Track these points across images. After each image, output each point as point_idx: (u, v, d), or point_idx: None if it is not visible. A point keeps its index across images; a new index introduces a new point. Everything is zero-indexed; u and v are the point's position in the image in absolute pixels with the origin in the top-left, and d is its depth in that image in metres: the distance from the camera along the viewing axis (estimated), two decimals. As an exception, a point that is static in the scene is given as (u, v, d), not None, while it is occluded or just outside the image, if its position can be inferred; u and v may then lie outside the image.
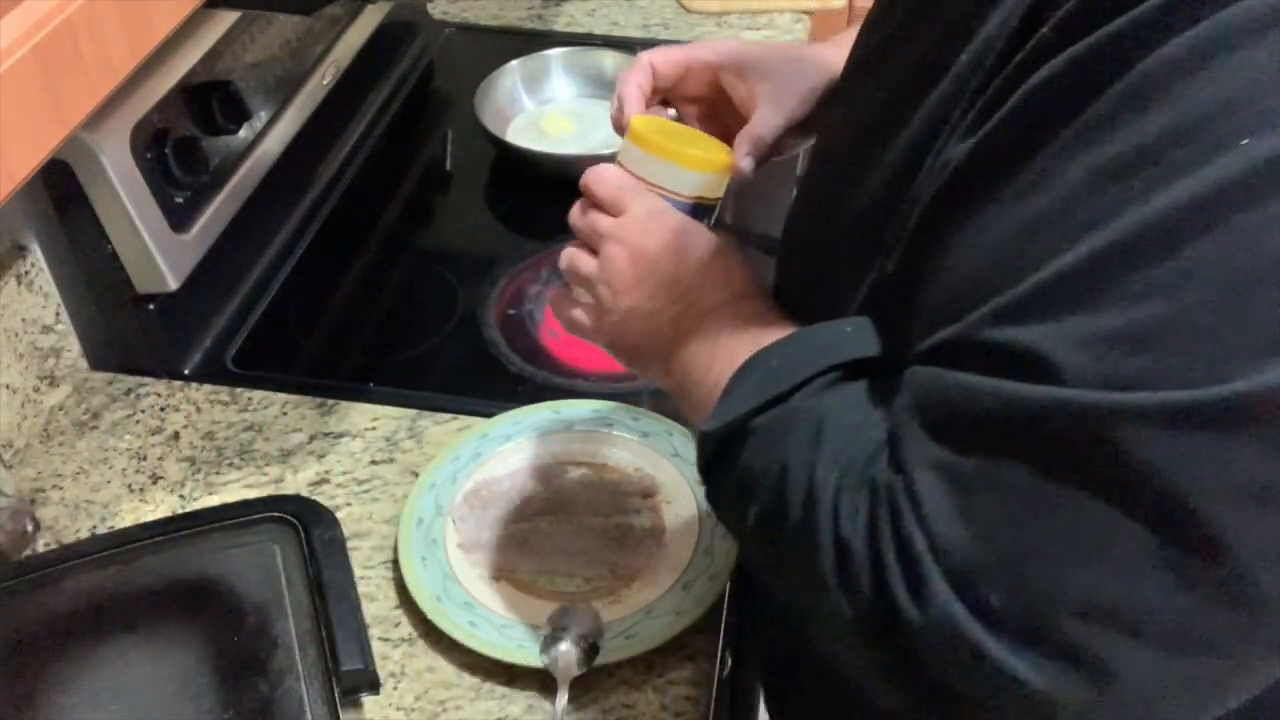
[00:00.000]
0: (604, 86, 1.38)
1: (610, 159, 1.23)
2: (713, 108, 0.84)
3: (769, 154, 0.81)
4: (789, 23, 1.51)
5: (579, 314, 0.73)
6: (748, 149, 0.79)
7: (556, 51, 1.38)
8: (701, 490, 0.87)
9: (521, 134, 1.32)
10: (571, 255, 0.73)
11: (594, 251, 0.71)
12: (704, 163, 0.73)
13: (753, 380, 0.59)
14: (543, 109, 1.36)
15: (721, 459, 0.59)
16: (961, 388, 0.46)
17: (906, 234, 0.54)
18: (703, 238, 0.70)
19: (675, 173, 0.72)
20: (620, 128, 0.79)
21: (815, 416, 0.55)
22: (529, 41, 1.44)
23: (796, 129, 0.81)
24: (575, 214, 0.73)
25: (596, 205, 0.72)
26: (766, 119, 0.80)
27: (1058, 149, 0.45)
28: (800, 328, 0.62)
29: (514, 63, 1.36)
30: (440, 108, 1.42)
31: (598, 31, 1.50)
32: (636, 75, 0.82)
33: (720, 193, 0.75)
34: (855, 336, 0.58)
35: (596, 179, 0.72)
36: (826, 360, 0.57)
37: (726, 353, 0.63)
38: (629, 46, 1.42)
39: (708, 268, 0.69)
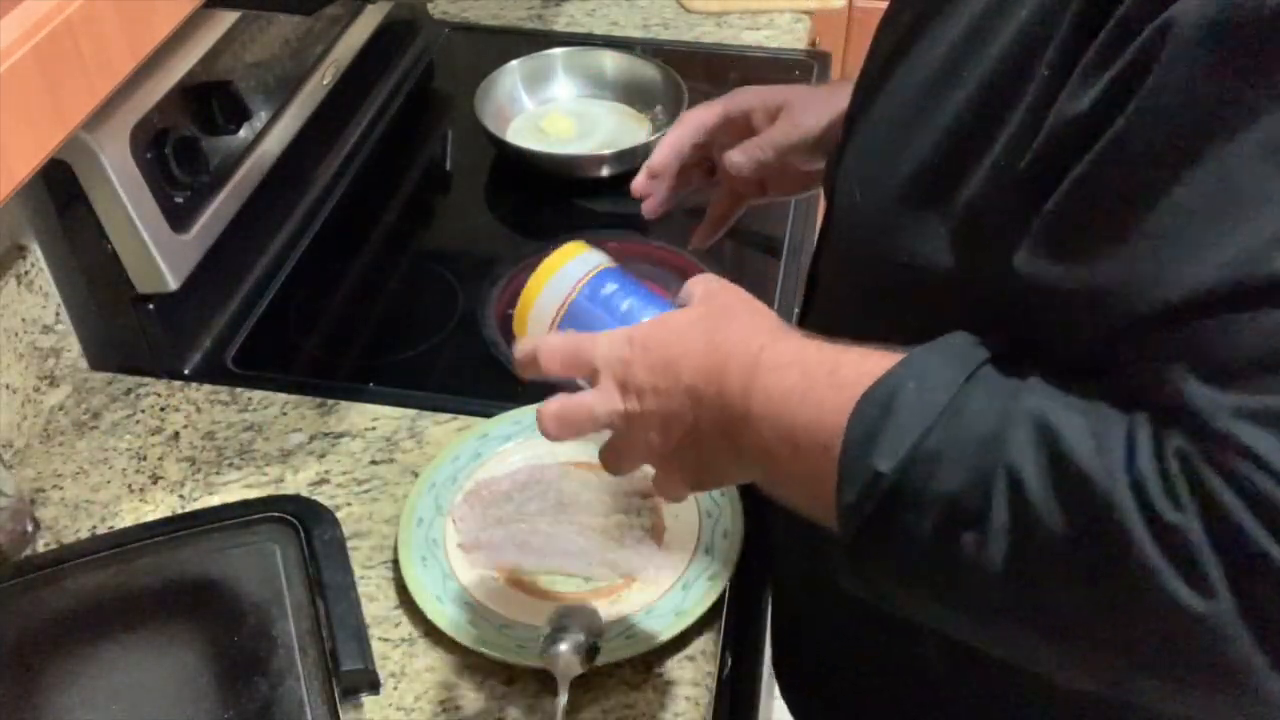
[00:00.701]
0: (604, 86, 1.38)
1: (610, 159, 1.25)
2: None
3: (769, 164, 0.89)
4: (789, 23, 1.51)
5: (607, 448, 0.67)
6: (739, 155, 0.88)
7: (557, 51, 1.38)
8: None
9: (521, 134, 1.32)
10: (564, 402, 0.65)
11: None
12: (565, 252, 0.72)
13: (896, 408, 0.52)
14: (543, 109, 1.36)
15: (895, 505, 0.51)
16: (1265, 327, 0.43)
17: (1052, 205, 0.51)
18: (671, 319, 0.65)
19: (564, 273, 0.70)
20: (647, 179, 0.92)
21: (1019, 414, 0.49)
22: (529, 41, 1.44)
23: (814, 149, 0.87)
24: (577, 414, 0.65)
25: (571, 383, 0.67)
26: (770, 136, 0.89)
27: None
28: (861, 347, 0.57)
29: (514, 62, 1.36)
30: (440, 108, 1.42)
31: (598, 31, 1.50)
32: (672, 135, 0.91)
33: (601, 258, 0.72)
34: (963, 344, 0.54)
35: (549, 360, 0.66)
36: (965, 367, 0.53)
37: (809, 428, 0.56)
38: (629, 46, 1.42)
39: (712, 333, 0.62)
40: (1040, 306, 0.53)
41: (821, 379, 0.57)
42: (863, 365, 0.55)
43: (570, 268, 0.71)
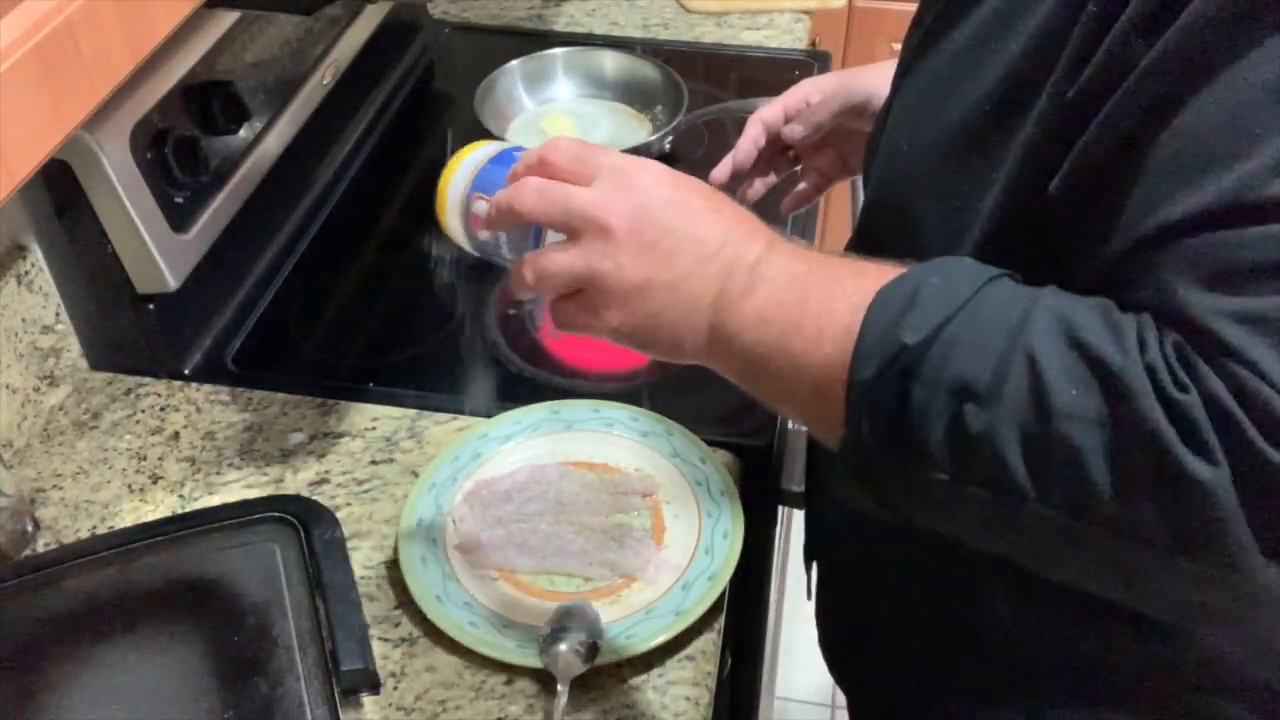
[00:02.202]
0: (604, 87, 1.38)
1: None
2: (823, 139, 0.97)
3: (824, 128, 0.95)
4: (789, 23, 1.51)
5: (573, 309, 0.62)
6: (795, 124, 0.96)
7: (557, 51, 1.38)
8: (701, 489, 0.89)
9: (521, 134, 1.32)
10: (540, 256, 0.61)
11: (571, 233, 0.61)
12: (470, 145, 0.71)
13: (920, 297, 0.53)
14: (543, 109, 1.36)
15: (911, 381, 0.52)
16: (1261, 238, 0.48)
17: (1091, 133, 0.54)
18: (695, 184, 0.62)
19: (471, 158, 0.70)
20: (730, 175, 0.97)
21: (1038, 307, 0.52)
22: (529, 41, 1.44)
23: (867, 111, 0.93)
24: (530, 198, 0.61)
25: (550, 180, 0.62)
26: (822, 104, 0.95)
27: None
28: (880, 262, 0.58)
29: (514, 62, 1.36)
30: (440, 107, 1.42)
31: (598, 31, 1.50)
32: (745, 136, 0.97)
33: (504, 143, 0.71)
34: (978, 263, 0.56)
35: (553, 147, 0.63)
36: (984, 272, 0.55)
37: (820, 295, 0.56)
38: (629, 46, 1.42)
39: (725, 217, 0.61)
40: (1060, 228, 0.56)
41: (841, 265, 0.58)
42: (881, 265, 0.57)
43: (475, 154, 0.70)
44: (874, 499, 0.57)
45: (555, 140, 0.63)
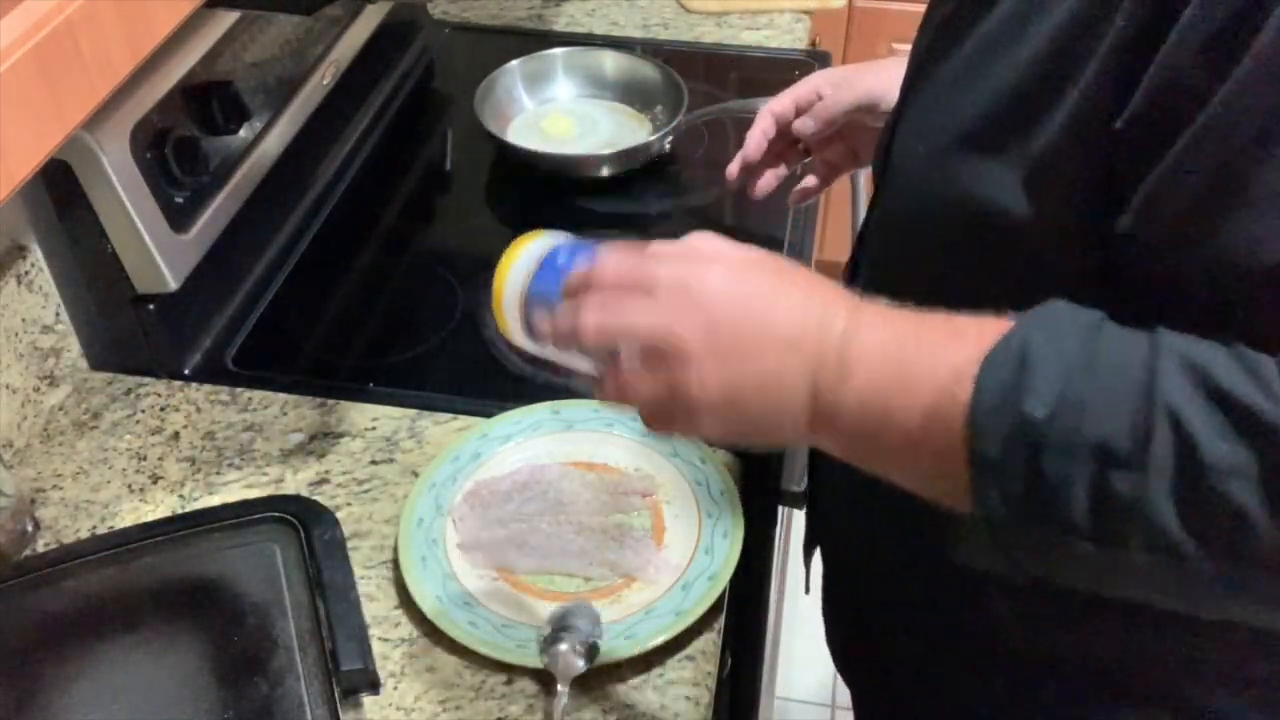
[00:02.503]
0: (605, 87, 1.38)
1: (610, 158, 1.25)
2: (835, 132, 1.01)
3: (834, 123, 1.00)
4: (789, 23, 1.51)
5: (665, 420, 0.60)
6: (804, 119, 1.01)
7: (557, 51, 1.38)
8: (701, 489, 0.89)
9: (521, 134, 1.32)
10: (621, 381, 0.60)
11: (650, 353, 0.58)
12: (521, 240, 0.70)
13: (1032, 361, 0.50)
14: (543, 109, 1.36)
15: (1043, 455, 0.49)
16: None
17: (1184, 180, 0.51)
18: (755, 263, 0.60)
19: (525, 254, 0.68)
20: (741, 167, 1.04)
21: (1161, 355, 0.49)
22: (529, 41, 1.44)
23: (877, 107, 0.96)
24: (592, 326, 0.59)
25: (610, 293, 0.60)
26: (832, 99, 0.99)
27: None
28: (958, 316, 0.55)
29: (514, 62, 1.36)
30: (440, 107, 1.42)
31: (598, 31, 1.50)
32: (756, 127, 1.01)
33: (557, 237, 0.70)
34: (1070, 305, 0.53)
35: (602, 267, 0.60)
36: (1089, 319, 0.52)
37: (920, 367, 0.54)
38: (629, 46, 1.42)
39: (797, 295, 0.58)
40: (1146, 267, 0.53)
41: (932, 327, 0.55)
42: (972, 321, 0.53)
43: (523, 258, 0.69)
44: (1007, 567, 0.54)
45: (603, 257, 0.61)
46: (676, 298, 0.57)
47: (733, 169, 1.07)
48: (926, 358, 0.53)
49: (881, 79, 0.96)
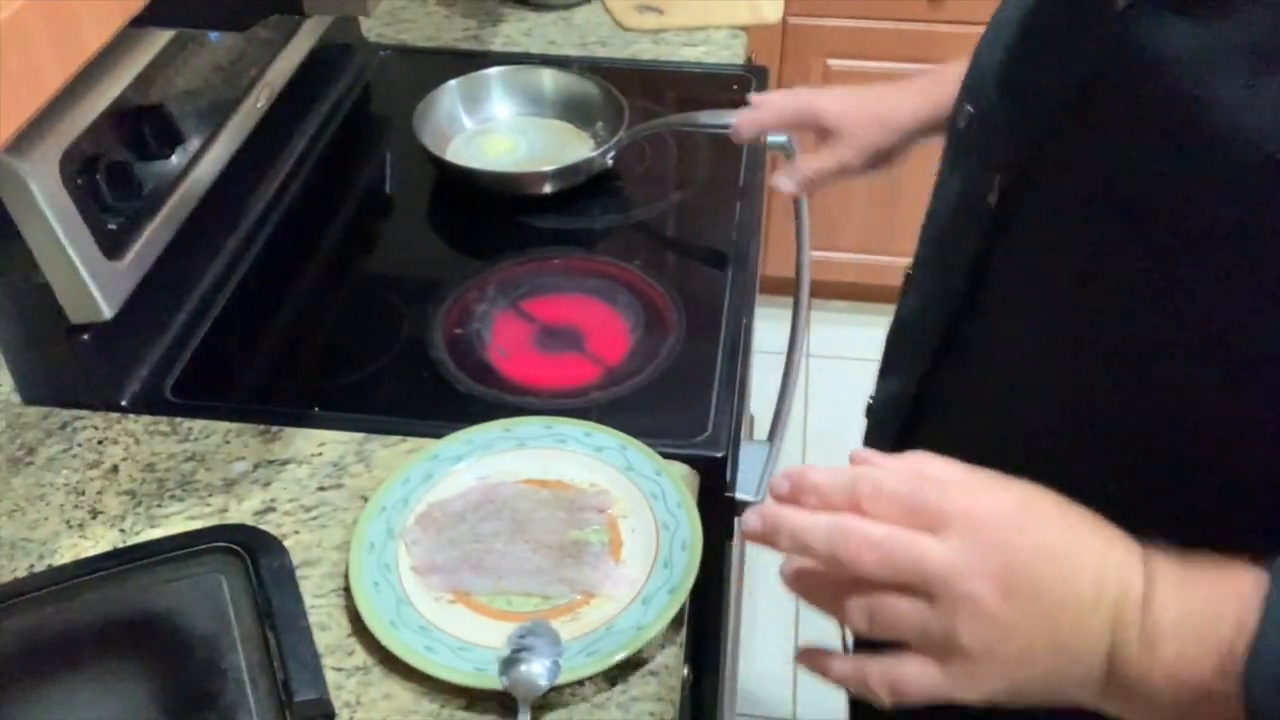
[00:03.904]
0: (543, 105, 1.37)
1: (552, 175, 1.25)
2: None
3: (812, 185, 1.06)
4: (725, 38, 1.52)
5: (914, 679, 0.53)
6: (783, 181, 1.07)
7: (494, 70, 1.37)
8: (657, 502, 0.88)
9: (462, 154, 1.30)
10: (875, 606, 0.53)
11: (903, 589, 0.52)
12: None
13: None
14: (482, 128, 1.35)
15: None
16: None
17: None
18: (1040, 504, 0.54)
19: None
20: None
21: None
22: (466, 62, 1.43)
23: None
24: (870, 557, 0.52)
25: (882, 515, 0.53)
26: (816, 163, 1.05)
27: None
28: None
29: (452, 82, 1.35)
30: (378, 130, 1.41)
31: (535, 51, 1.49)
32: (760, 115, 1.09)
33: None
34: None
35: (876, 492, 0.53)
36: None
37: (1229, 637, 0.49)
38: (567, 65, 1.41)
39: (1087, 544, 0.53)
40: None
41: (1225, 593, 0.49)
42: (1228, 579, 0.49)
43: None
44: None
45: (872, 476, 0.54)
46: (969, 536, 0.51)
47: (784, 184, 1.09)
48: (1228, 628, 0.49)
49: (870, 137, 1.03)
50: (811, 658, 0.57)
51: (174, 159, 1.05)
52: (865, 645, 0.58)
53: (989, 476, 0.54)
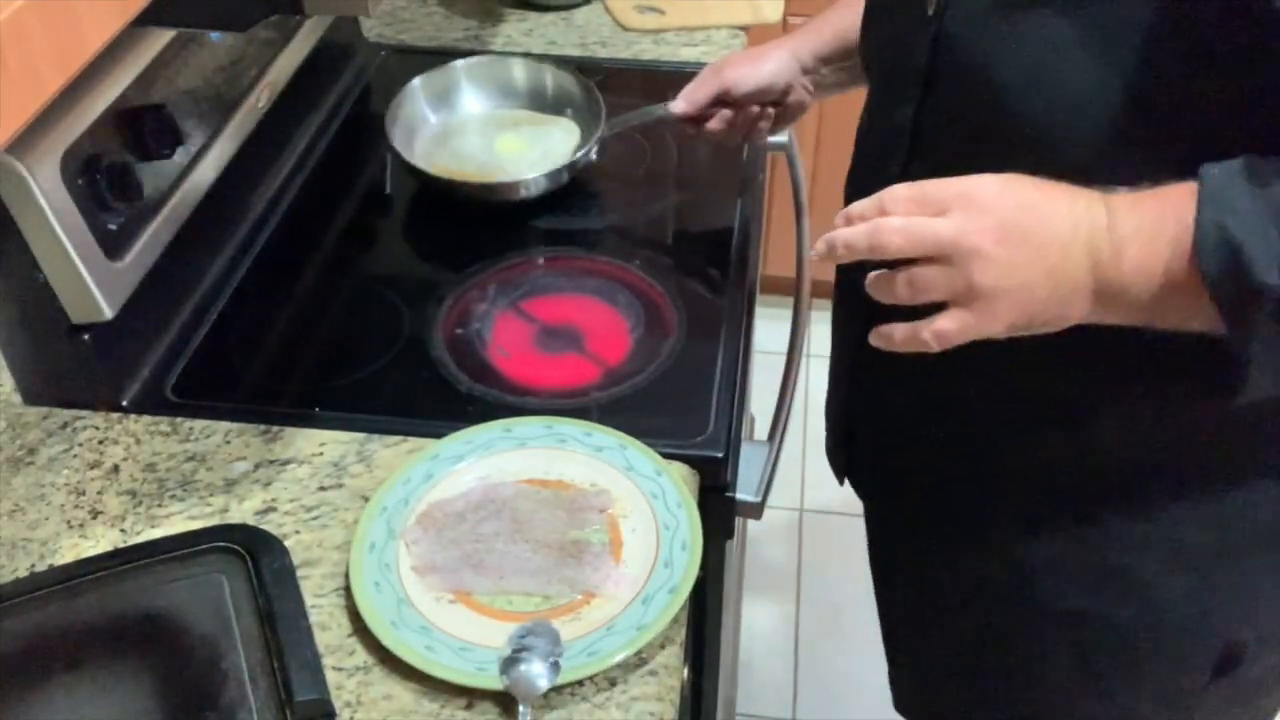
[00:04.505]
0: (514, 96, 1.35)
1: (531, 182, 1.24)
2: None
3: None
4: (725, 38, 1.52)
5: (951, 324, 0.69)
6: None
7: (459, 64, 1.35)
8: (657, 502, 0.88)
9: (464, 154, 1.29)
10: (912, 277, 0.68)
11: (931, 259, 0.68)
12: None
13: (1245, 244, 0.62)
14: (493, 130, 1.33)
15: None
16: None
17: None
18: (1016, 179, 0.69)
19: None
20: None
21: None
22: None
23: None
24: (896, 238, 0.68)
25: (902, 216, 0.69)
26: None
27: None
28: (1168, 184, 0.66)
29: (415, 81, 1.32)
30: (378, 130, 1.40)
31: (535, 50, 1.49)
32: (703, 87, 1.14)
33: None
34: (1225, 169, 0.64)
35: (892, 196, 0.69)
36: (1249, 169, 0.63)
37: (1175, 232, 0.65)
38: (568, 65, 1.41)
39: (1058, 196, 0.68)
40: None
41: (1165, 199, 0.65)
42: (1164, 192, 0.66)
43: None
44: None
45: (891, 190, 0.69)
46: (967, 209, 0.67)
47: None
48: (1172, 226, 0.65)
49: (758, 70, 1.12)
50: (878, 337, 0.72)
51: (174, 159, 1.05)
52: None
53: (974, 175, 0.69)
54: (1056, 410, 0.82)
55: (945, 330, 0.68)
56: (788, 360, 1.16)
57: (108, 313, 0.97)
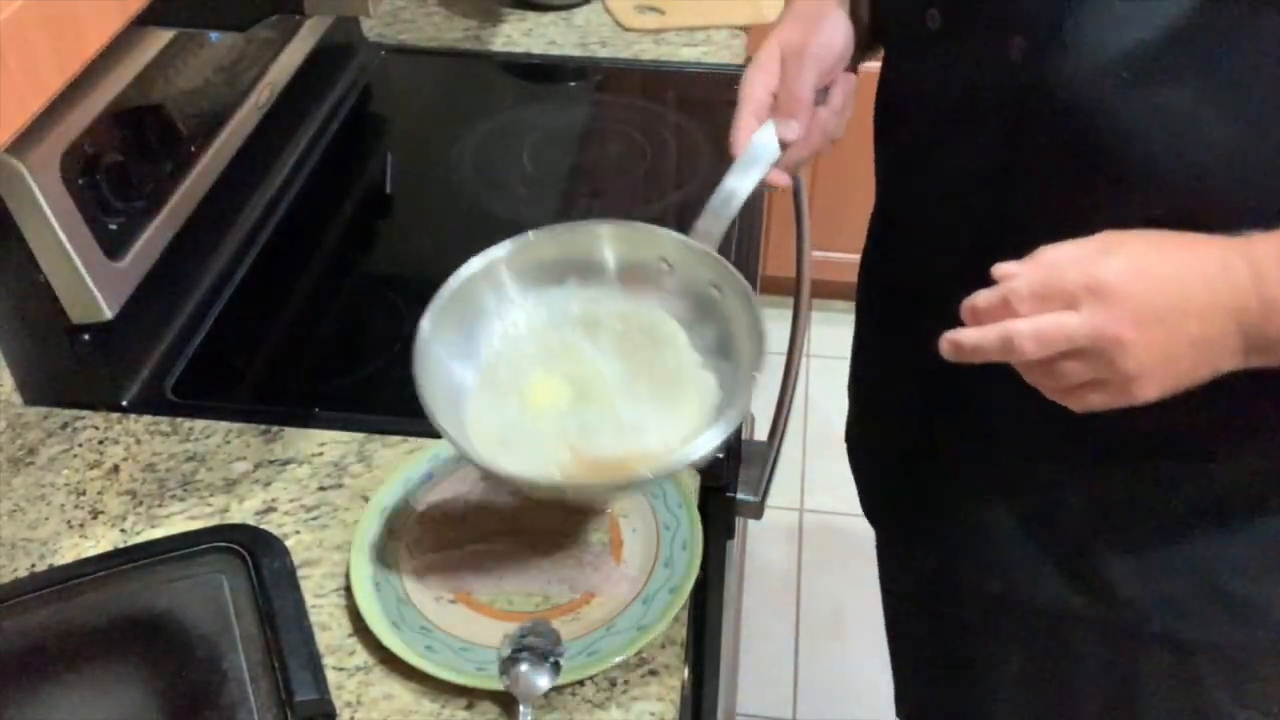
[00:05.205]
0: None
1: None
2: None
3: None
4: (725, 38, 1.52)
5: (1100, 401, 0.67)
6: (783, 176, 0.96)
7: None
8: (658, 502, 0.88)
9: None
10: (1057, 373, 0.67)
11: (1065, 356, 0.66)
12: None
13: None
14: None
15: None
16: None
17: None
18: (1138, 242, 0.67)
19: None
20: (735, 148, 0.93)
21: None
22: (466, 63, 1.43)
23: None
24: (1030, 346, 0.65)
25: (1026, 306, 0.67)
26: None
27: None
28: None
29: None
30: (378, 130, 1.41)
31: (535, 51, 1.49)
32: (746, 107, 0.93)
33: None
34: None
35: (1014, 293, 0.66)
36: None
37: None
38: (566, 65, 1.41)
39: (1188, 258, 0.66)
40: None
41: None
42: None
43: None
44: None
45: (1012, 286, 0.66)
46: (1097, 299, 0.64)
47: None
48: None
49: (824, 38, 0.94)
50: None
51: (174, 159, 1.05)
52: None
53: (1097, 246, 0.66)
54: (1182, 444, 0.79)
55: (1095, 406, 0.68)
56: (787, 360, 1.15)
57: (108, 313, 0.97)
